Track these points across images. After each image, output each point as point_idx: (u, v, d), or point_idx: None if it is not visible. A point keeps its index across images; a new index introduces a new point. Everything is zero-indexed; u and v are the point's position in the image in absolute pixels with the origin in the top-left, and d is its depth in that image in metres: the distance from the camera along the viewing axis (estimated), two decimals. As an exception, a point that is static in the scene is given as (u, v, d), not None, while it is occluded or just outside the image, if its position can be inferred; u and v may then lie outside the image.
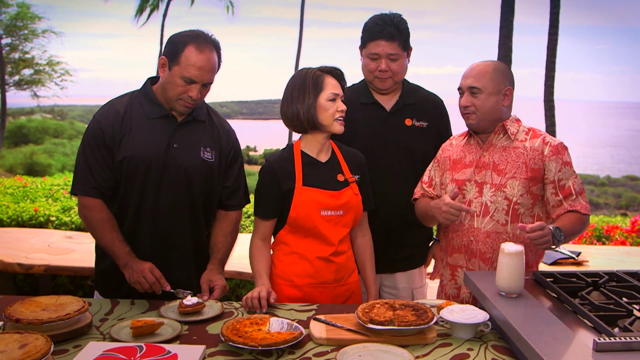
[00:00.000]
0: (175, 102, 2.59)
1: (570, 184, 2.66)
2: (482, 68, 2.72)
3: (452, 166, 2.86)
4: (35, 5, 27.50)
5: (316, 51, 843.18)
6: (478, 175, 2.76)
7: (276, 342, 2.07)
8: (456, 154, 2.88)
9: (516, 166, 2.69)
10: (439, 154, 2.97)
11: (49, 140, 35.64)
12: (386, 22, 2.94)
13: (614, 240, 6.23)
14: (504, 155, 2.73)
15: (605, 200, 28.42)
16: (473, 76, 2.71)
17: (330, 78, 2.65)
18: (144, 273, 2.50)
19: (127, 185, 2.64)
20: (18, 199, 6.90)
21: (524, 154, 2.70)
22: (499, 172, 2.71)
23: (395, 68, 2.96)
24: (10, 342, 1.94)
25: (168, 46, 2.58)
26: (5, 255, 4.38)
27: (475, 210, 2.74)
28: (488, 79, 2.69)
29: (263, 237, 2.74)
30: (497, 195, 2.69)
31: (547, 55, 14.02)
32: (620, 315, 2.06)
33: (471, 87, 2.70)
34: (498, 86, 2.71)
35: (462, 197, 2.77)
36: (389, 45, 2.92)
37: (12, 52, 26.72)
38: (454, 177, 2.83)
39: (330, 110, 2.62)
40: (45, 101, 29.45)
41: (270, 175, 2.68)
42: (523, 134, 2.76)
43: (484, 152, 2.77)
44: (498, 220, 2.70)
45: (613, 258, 4.52)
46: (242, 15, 27.27)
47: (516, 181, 2.67)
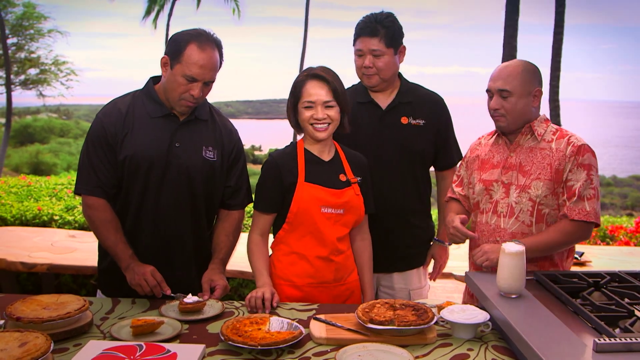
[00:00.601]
0: (177, 101, 2.60)
1: (577, 186, 2.58)
2: (511, 69, 2.66)
3: (481, 166, 2.84)
4: (41, 5, 27.59)
5: (321, 51, 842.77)
6: (504, 176, 2.73)
7: (276, 342, 2.07)
8: (484, 153, 2.86)
9: (541, 167, 2.65)
10: (468, 154, 2.96)
11: (55, 140, 35.78)
12: (371, 19, 2.97)
13: (618, 240, 6.21)
14: (530, 156, 2.69)
15: (611, 201, 28.35)
16: (502, 78, 2.65)
17: (311, 84, 2.64)
18: (145, 276, 2.51)
19: (129, 184, 2.65)
20: (22, 198, 6.92)
21: (550, 155, 2.65)
22: (525, 173, 2.68)
23: (379, 65, 2.96)
24: (11, 341, 1.95)
25: (170, 45, 2.58)
26: (9, 254, 4.40)
27: (475, 236, 2.75)
28: (518, 81, 2.63)
29: (261, 232, 2.74)
30: (522, 197, 2.66)
31: (552, 54, 13.99)
32: (621, 315, 2.05)
33: (501, 89, 2.65)
34: (528, 88, 2.66)
35: (489, 197, 2.76)
36: (371, 41, 2.94)
37: (18, 52, 26.77)
38: (481, 177, 2.81)
39: (305, 116, 2.65)
40: (51, 100, 29.53)
41: (273, 169, 2.69)
42: (550, 134, 2.70)
43: (511, 152, 2.74)
44: (523, 221, 2.67)
45: (616, 258, 4.49)
46: (248, 15, 27.16)
47: (540, 182, 2.63)
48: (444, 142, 3.16)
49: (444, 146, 3.17)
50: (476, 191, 2.82)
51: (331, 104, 2.62)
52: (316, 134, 2.65)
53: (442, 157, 3.19)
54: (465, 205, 2.95)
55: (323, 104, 2.61)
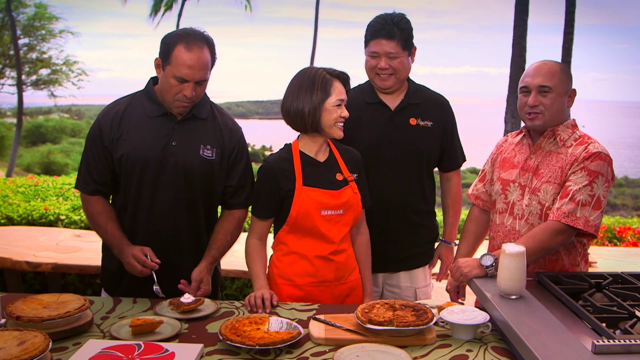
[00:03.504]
0: (172, 102, 2.60)
1: (574, 188, 2.51)
2: (550, 67, 2.64)
3: (502, 164, 2.84)
4: (53, 5, 27.79)
5: (332, 51, 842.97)
6: (522, 178, 2.71)
7: (274, 342, 2.07)
8: (508, 152, 2.85)
9: (553, 171, 2.62)
10: (494, 151, 2.96)
11: (66, 140, 36.01)
12: (387, 21, 2.94)
13: (626, 241, 6.16)
14: (547, 160, 2.66)
15: (622, 201, 28.19)
16: (542, 75, 2.62)
17: (337, 83, 2.65)
18: (134, 254, 2.55)
19: (126, 182, 2.67)
20: (29, 197, 6.94)
21: (564, 159, 2.61)
22: (539, 176, 2.66)
23: (395, 65, 2.95)
24: (9, 339, 1.96)
25: (161, 47, 2.60)
26: (14, 253, 4.42)
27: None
28: (558, 78, 2.62)
29: (259, 237, 2.74)
30: (532, 199, 2.64)
31: (563, 55, 13.89)
32: (622, 317, 2.04)
33: (542, 85, 2.61)
34: (566, 86, 2.65)
35: (504, 197, 2.76)
36: (388, 43, 2.92)
37: (29, 52, 27.00)
38: (500, 176, 2.81)
39: (334, 115, 2.63)
40: (62, 101, 29.76)
41: (268, 175, 2.67)
42: (572, 140, 2.66)
43: (531, 154, 2.72)
44: (532, 224, 2.64)
45: (622, 260, 4.46)
46: (259, 15, 27.36)
47: (550, 186, 2.60)
48: (450, 144, 3.16)
49: (450, 148, 3.17)
50: (494, 190, 2.83)
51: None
52: (337, 133, 2.66)
53: (447, 158, 3.19)
54: (483, 204, 3.00)
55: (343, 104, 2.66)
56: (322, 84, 2.62)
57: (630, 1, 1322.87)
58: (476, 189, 3.03)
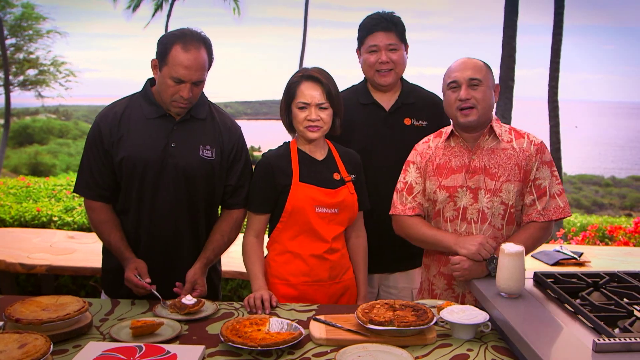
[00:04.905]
0: (170, 103, 2.60)
1: (546, 184, 2.60)
2: (476, 62, 2.66)
3: (437, 171, 2.70)
4: (40, 5, 27.50)
5: (321, 51, 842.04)
6: (470, 181, 2.64)
7: (275, 343, 2.07)
8: (439, 157, 2.72)
9: (509, 169, 2.60)
10: (417, 159, 2.77)
11: (54, 141, 35.75)
12: (381, 16, 3.01)
13: (617, 240, 6.21)
14: (493, 158, 2.63)
15: (609, 201, 28.38)
16: (471, 68, 2.62)
17: (306, 85, 2.66)
18: (126, 276, 2.55)
19: (127, 184, 2.66)
20: (21, 199, 6.92)
21: (515, 156, 2.61)
22: (492, 176, 2.62)
23: (395, 59, 2.98)
24: (10, 342, 1.94)
25: (158, 47, 2.59)
26: (8, 255, 4.39)
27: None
28: (485, 71, 2.64)
29: (256, 234, 2.75)
30: (494, 201, 2.61)
31: (552, 55, 13.97)
32: (621, 316, 2.05)
33: (472, 78, 2.59)
34: (492, 80, 2.67)
35: (453, 204, 2.66)
36: (387, 36, 2.97)
37: (16, 53, 26.76)
38: (442, 184, 2.67)
39: (299, 118, 2.66)
40: (50, 101, 29.53)
41: (266, 169, 2.70)
42: (506, 133, 2.68)
43: (472, 155, 2.65)
44: (494, 225, 2.63)
45: (615, 259, 4.49)
46: (248, 16, 27.13)
47: (511, 185, 2.59)
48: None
49: None
50: (439, 199, 2.68)
51: (324, 106, 2.65)
52: (308, 134, 2.67)
53: None
54: (425, 215, 2.80)
55: (317, 106, 2.63)
56: (289, 87, 2.69)
57: (616, 3, 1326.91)
58: (410, 204, 2.74)
